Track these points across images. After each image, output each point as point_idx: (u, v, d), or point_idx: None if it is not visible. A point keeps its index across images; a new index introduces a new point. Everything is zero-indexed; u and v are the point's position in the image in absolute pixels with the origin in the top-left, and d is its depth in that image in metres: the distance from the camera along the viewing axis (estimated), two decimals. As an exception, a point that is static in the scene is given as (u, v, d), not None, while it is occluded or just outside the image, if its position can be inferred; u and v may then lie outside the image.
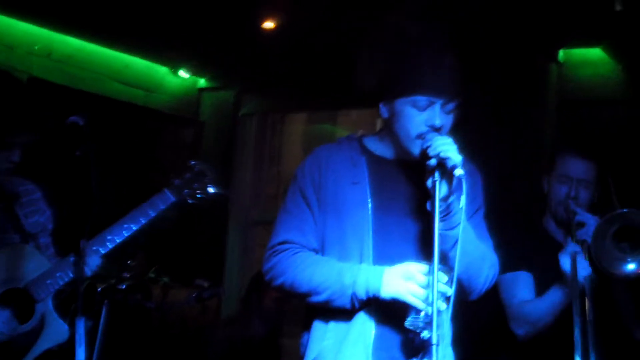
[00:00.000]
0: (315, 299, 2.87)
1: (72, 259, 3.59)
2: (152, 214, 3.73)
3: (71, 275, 3.61)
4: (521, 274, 3.79)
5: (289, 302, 5.59)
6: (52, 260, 3.77)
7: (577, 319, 3.45)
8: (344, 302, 2.81)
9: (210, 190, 3.84)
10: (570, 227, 3.71)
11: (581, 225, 3.63)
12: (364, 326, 2.85)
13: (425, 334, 2.62)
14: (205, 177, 3.82)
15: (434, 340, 2.51)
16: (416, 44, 2.93)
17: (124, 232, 3.70)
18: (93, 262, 3.60)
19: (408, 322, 2.71)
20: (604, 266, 3.49)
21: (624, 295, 3.78)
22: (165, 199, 3.75)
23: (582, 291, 3.48)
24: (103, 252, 3.66)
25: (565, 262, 3.56)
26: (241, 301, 6.19)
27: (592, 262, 3.51)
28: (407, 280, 2.71)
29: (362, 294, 2.78)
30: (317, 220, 2.97)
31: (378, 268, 2.79)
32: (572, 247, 3.57)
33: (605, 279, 3.65)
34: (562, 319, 3.59)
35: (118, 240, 3.68)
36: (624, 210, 3.51)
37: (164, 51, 7.03)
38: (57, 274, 3.65)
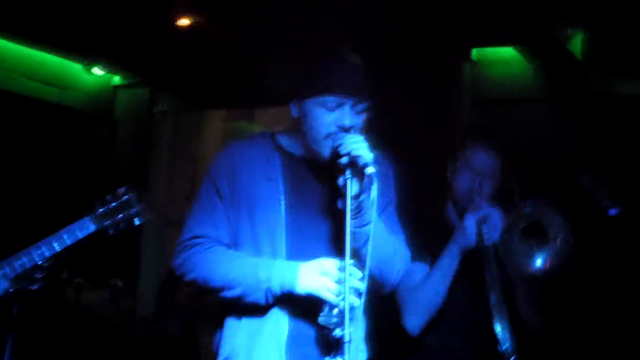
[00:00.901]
0: (229, 293, 2.85)
1: None
2: (68, 242, 3.61)
3: None
4: (417, 266, 3.68)
5: (204, 298, 5.57)
6: None
7: (493, 285, 3.50)
8: (258, 297, 2.80)
9: (136, 222, 3.76)
10: None
11: (486, 218, 3.66)
12: (278, 323, 2.85)
13: (337, 332, 2.63)
14: (131, 207, 3.67)
15: (347, 338, 2.52)
16: (324, 45, 2.94)
17: (36, 257, 3.59)
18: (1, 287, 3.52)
19: (321, 319, 2.72)
20: (513, 267, 3.53)
21: (524, 301, 3.80)
22: (85, 228, 3.60)
23: (486, 255, 3.54)
24: (11, 276, 3.57)
25: (470, 225, 3.58)
26: (156, 299, 6.16)
27: (499, 262, 3.55)
28: (322, 275, 2.73)
29: (277, 289, 2.78)
30: (230, 215, 2.96)
31: (293, 263, 2.80)
32: (482, 212, 3.59)
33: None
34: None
35: (29, 266, 3.59)
36: (527, 209, 3.56)
37: (77, 48, 6.95)
38: None
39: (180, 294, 5.53)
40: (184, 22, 5.99)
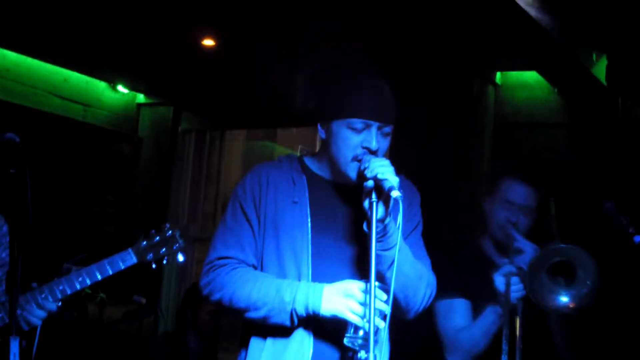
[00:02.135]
0: (254, 315, 2.85)
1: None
2: (110, 272, 3.63)
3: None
4: (457, 301, 3.75)
5: (225, 316, 5.58)
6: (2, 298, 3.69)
7: (505, 332, 3.50)
8: (283, 318, 2.80)
9: (180, 258, 3.78)
10: (508, 252, 3.73)
11: (519, 252, 3.65)
12: (302, 343, 2.85)
13: (362, 354, 2.63)
14: (175, 243, 3.73)
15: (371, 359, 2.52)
16: (352, 68, 2.96)
17: (77, 284, 3.61)
18: (40, 313, 3.53)
19: (346, 340, 2.71)
20: (537, 298, 3.52)
21: (556, 325, 3.80)
22: (127, 260, 3.65)
23: (514, 310, 3.53)
24: (52, 301, 3.58)
25: (499, 282, 3.57)
26: (177, 316, 6.17)
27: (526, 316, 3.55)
28: (346, 298, 2.72)
29: (301, 310, 2.78)
30: (256, 237, 2.97)
31: (318, 285, 2.79)
32: (507, 268, 3.59)
33: (541, 320, 3.71)
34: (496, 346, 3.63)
35: (69, 292, 3.60)
36: (562, 245, 3.55)
37: (102, 66, 7.00)
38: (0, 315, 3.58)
39: (202, 311, 5.54)
40: (208, 42, 6.02)
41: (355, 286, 2.73)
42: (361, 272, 2.85)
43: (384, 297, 2.68)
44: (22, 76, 6.80)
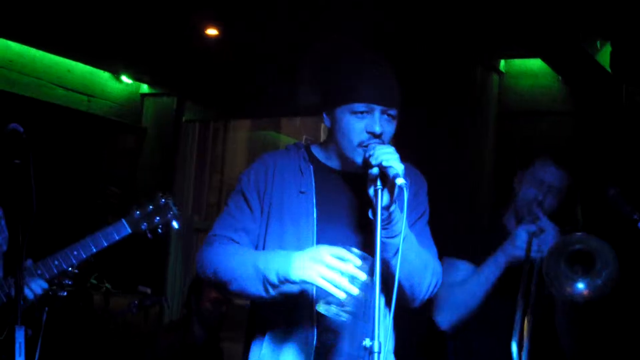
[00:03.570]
0: (235, 286, 2.82)
1: (11, 280, 3.49)
2: (105, 244, 3.63)
3: (12, 296, 3.54)
4: (461, 262, 3.72)
5: (227, 304, 5.60)
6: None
7: (520, 302, 3.50)
8: (258, 287, 2.75)
9: (175, 225, 3.78)
10: None
11: (541, 231, 3.65)
12: (306, 337, 2.84)
13: (367, 342, 2.60)
14: (169, 211, 3.73)
15: (376, 348, 2.51)
16: (353, 54, 2.95)
17: (72, 258, 3.62)
18: (37, 286, 3.54)
19: (320, 307, 2.66)
20: (553, 283, 3.52)
21: (561, 310, 3.79)
22: (121, 230, 3.65)
23: (530, 272, 3.53)
24: (48, 277, 3.59)
25: (521, 237, 3.56)
26: (182, 306, 6.19)
27: (541, 278, 3.53)
28: (316, 263, 2.64)
29: (273, 277, 2.71)
30: (255, 225, 2.96)
31: (290, 252, 2.75)
32: (532, 226, 3.58)
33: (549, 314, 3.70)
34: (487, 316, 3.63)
35: (65, 267, 3.61)
36: (585, 234, 3.55)
37: (106, 56, 7.00)
38: None
39: (203, 300, 5.55)
40: (212, 31, 6.02)
41: (325, 252, 2.66)
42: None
43: (358, 262, 2.62)
44: (26, 67, 6.80)
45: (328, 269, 2.60)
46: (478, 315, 3.68)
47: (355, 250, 2.62)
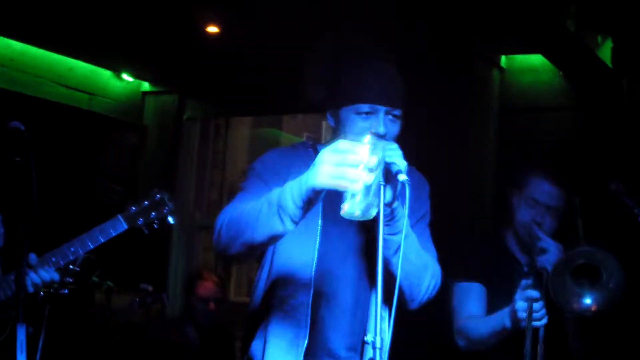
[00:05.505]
0: (247, 235, 2.66)
1: (12, 277, 3.50)
2: (102, 240, 3.65)
3: (9, 294, 3.55)
4: (474, 285, 3.76)
5: (217, 303, 5.61)
6: None
7: (526, 352, 3.49)
8: (273, 222, 2.58)
9: (170, 221, 3.79)
10: (531, 250, 3.72)
11: (543, 251, 3.64)
12: (298, 333, 2.85)
13: (369, 337, 2.58)
14: (165, 206, 3.75)
15: (377, 344, 2.50)
16: (356, 53, 2.95)
17: (70, 255, 3.63)
18: (34, 278, 3.54)
19: (344, 213, 2.46)
20: (560, 300, 3.52)
21: (575, 337, 3.79)
22: (118, 226, 3.68)
23: (535, 335, 3.51)
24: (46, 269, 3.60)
25: (520, 306, 3.48)
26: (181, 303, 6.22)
27: (548, 295, 3.52)
28: (321, 166, 2.45)
29: (289, 203, 2.55)
30: None
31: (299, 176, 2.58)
32: (529, 292, 3.53)
33: (559, 321, 3.69)
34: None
35: (62, 263, 3.62)
36: (587, 247, 3.54)
37: (107, 54, 7.00)
38: None
39: (194, 299, 5.57)
40: (213, 29, 6.01)
41: (327, 151, 2.45)
42: (367, 258, 2.89)
43: (363, 148, 2.42)
44: (27, 65, 6.79)
45: (335, 167, 2.42)
46: None
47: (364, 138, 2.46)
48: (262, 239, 2.64)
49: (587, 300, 3.50)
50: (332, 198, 2.91)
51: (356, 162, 2.41)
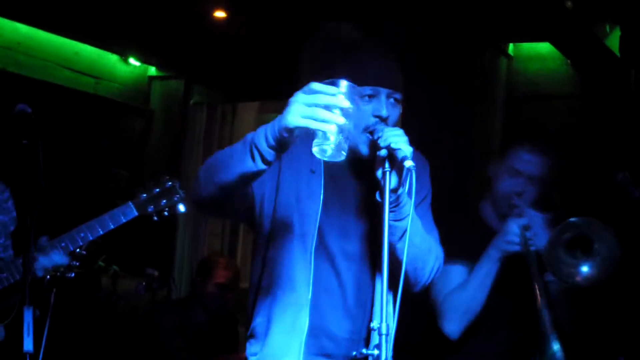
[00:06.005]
0: (221, 174, 2.65)
1: (20, 260, 3.49)
2: (112, 226, 3.66)
3: (18, 277, 3.56)
4: (453, 267, 3.61)
5: (233, 291, 5.60)
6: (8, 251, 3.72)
7: (541, 299, 3.49)
8: (246, 159, 2.58)
9: (181, 209, 3.79)
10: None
11: (528, 227, 3.60)
12: (299, 316, 2.85)
13: (375, 324, 2.56)
14: (175, 194, 3.75)
15: (384, 330, 2.50)
16: (358, 38, 2.95)
17: (79, 240, 3.64)
18: (43, 262, 3.55)
19: (315, 149, 2.48)
20: (557, 274, 3.51)
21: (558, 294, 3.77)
22: (128, 213, 3.68)
23: (538, 263, 3.52)
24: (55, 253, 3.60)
25: (513, 231, 3.51)
26: (190, 287, 6.20)
27: (541, 268, 3.52)
28: (293, 106, 2.48)
29: (259, 140, 2.56)
30: (255, 192, 2.90)
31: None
32: (522, 219, 3.54)
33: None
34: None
35: (72, 248, 3.63)
36: (575, 219, 3.52)
37: (114, 38, 6.99)
38: (3, 275, 3.61)
39: (211, 285, 5.55)
40: (220, 13, 6.01)
41: (300, 92, 2.51)
42: (369, 244, 2.88)
43: (335, 90, 2.48)
44: (34, 49, 6.79)
45: (307, 107, 2.46)
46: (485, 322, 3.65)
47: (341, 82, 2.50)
48: (233, 177, 2.62)
49: (584, 269, 3.49)
50: (334, 177, 2.92)
51: (328, 103, 2.44)
